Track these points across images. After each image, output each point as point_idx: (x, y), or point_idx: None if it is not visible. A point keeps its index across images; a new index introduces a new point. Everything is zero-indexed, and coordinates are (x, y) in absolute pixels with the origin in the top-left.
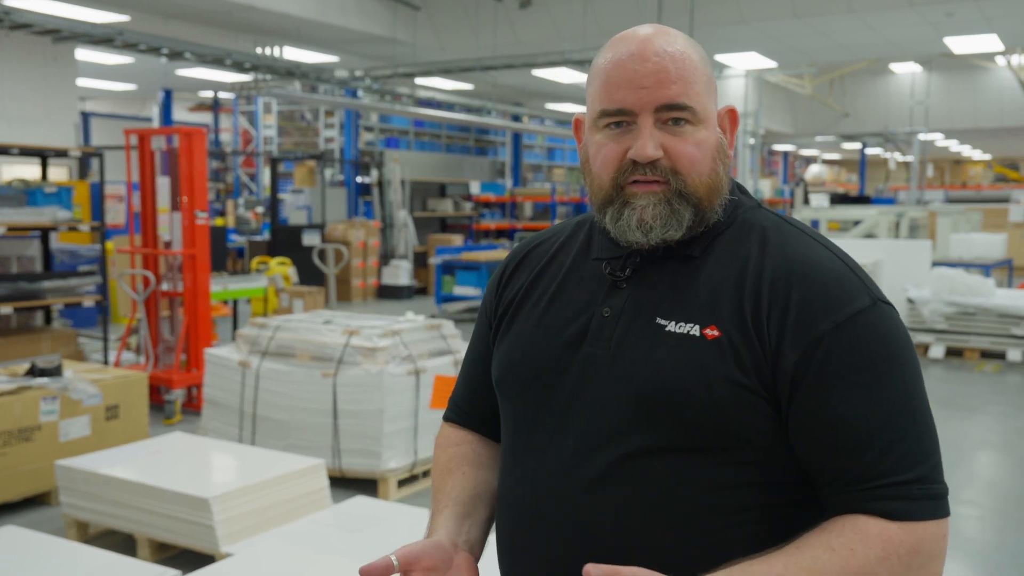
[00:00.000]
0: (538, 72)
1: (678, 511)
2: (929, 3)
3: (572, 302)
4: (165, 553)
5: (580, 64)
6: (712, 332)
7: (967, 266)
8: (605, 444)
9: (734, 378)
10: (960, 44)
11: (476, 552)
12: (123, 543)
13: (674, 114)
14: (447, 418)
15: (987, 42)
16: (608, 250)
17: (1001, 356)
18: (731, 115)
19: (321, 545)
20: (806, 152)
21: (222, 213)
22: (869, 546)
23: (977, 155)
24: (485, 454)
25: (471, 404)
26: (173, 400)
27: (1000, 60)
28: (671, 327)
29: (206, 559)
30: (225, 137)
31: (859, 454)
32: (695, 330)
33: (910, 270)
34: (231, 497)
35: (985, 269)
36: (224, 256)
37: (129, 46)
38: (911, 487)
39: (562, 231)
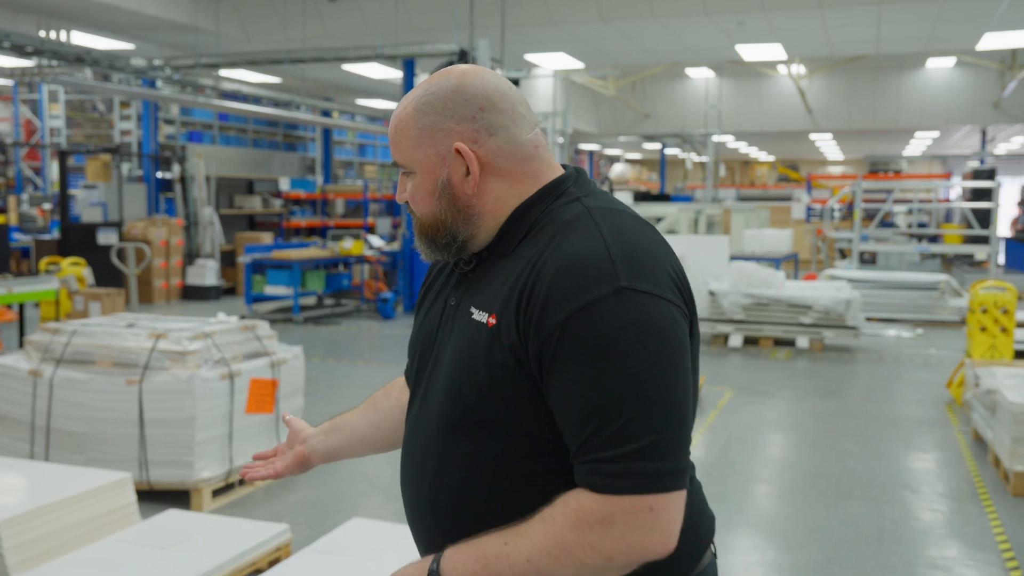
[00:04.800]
0: (348, 67)
1: (473, 478)
2: (723, 12)
3: (441, 292)
4: None
5: (391, 59)
6: (492, 320)
7: (759, 260)
8: (430, 418)
9: (504, 361)
10: (749, 52)
11: (316, 458)
12: None
13: (402, 168)
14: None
15: (772, 51)
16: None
17: (791, 343)
18: (456, 151)
19: (128, 566)
20: (610, 151)
21: (3, 210)
22: (565, 515)
23: (763, 156)
24: (391, 402)
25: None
26: None
27: (782, 69)
28: (475, 315)
29: None
30: (4, 127)
31: (579, 431)
32: (484, 317)
33: (710, 264)
34: (22, 520)
35: (775, 263)
36: (6, 256)
37: None
38: (615, 464)
39: None
